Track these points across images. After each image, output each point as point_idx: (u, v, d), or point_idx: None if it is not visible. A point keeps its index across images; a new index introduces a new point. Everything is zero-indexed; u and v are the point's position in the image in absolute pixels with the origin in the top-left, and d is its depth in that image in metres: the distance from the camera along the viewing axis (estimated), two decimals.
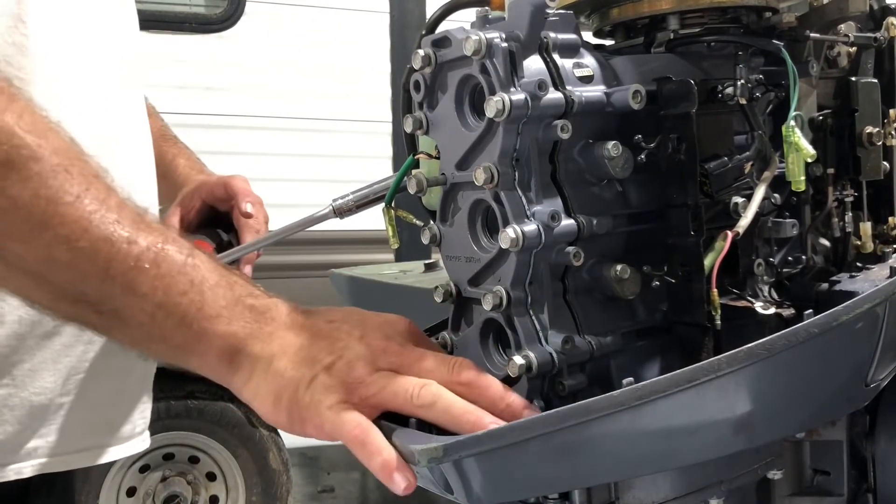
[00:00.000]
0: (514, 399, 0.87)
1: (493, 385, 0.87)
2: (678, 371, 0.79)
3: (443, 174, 0.97)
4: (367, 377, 0.84)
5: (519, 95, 0.87)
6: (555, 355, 0.91)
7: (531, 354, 0.89)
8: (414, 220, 1.09)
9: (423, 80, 0.97)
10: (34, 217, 0.80)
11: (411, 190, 0.98)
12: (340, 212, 1.25)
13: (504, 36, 0.89)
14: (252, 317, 0.87)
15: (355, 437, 0.81)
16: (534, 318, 0.92)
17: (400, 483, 0.80)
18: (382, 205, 1.11)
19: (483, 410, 0.84)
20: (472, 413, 0.83)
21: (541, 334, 0.92)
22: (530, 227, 0.89)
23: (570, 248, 0.91)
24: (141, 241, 0.85)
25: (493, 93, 0.88)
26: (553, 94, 0.90)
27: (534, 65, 0.92)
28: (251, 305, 0.88)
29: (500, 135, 0.89)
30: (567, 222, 0.91)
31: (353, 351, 0.85)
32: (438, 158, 0.99)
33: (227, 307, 0.86)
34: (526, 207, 0.90)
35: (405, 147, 1.13)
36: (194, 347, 0.85)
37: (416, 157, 1.02)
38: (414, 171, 0.99)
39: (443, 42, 0.94)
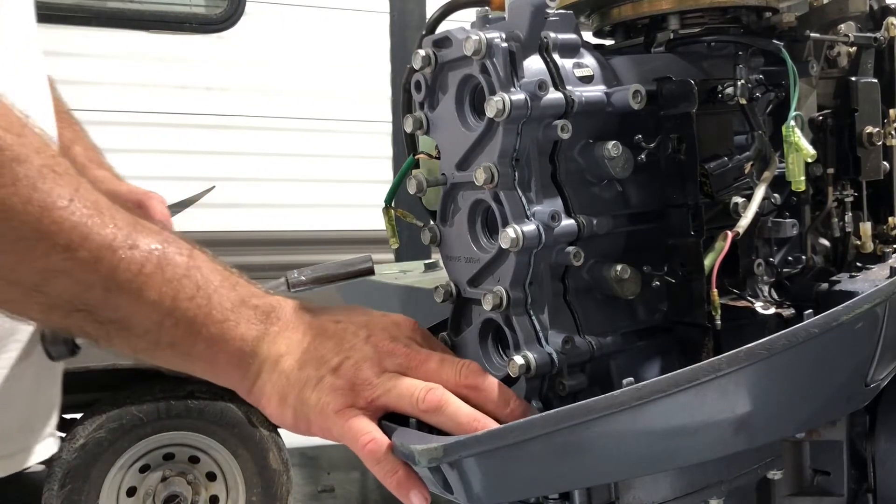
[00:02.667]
0: (518, 404, 0.87)
1: (498, 389, 0.87)
2: (678, 371, 0.79)
3: (443, 174, 0.97)
4: (373, 379, 0.84)
5: (519, 95, 0.87)
6: (555, 355, 0.91)
7: (530, 355, 0.89)
8: (414, 220, 1.09)
9: (424, 80, 0.97)
10: (27, 226, 0.73)
11: (411, 190, 0.98)
12: (293, 286, 1.23)
13: (504, 36, 0.89)
14: (257, 317, 0.85)
15: (370, 451, 0.81)
16: (533, 318, 0.92)
17: (417, 502, 0.81)
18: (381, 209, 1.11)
19: (489, 418, 0.84)
20: (478, 420, 0.83)
21: (540, 334, 0.92)
22: (530, 227, 0.88)
23: (571, 248, 0.91)
24: (141, 244, 0.79)
25: (493, 93, 0.88)
26: (553, 94, 0.90)
27: (534, 65, 0.92)
28: (255, 306, 0.86)
29: (499, 135, 0.89)
30: (567, 222, 0.91)
31: (359, 352, 0.85)
32: (438, 158, 0.99)
33: (233, 309, 0.84)
34: (526, 207, 0.90)
35: (405, 147, 1.13)
36: (203, 353, 0.83)
37: (416, 157, 1.02)
38: (414, 172, 0.99)
39: (443, 42, 0.94)
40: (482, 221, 0.96)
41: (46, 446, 1.21)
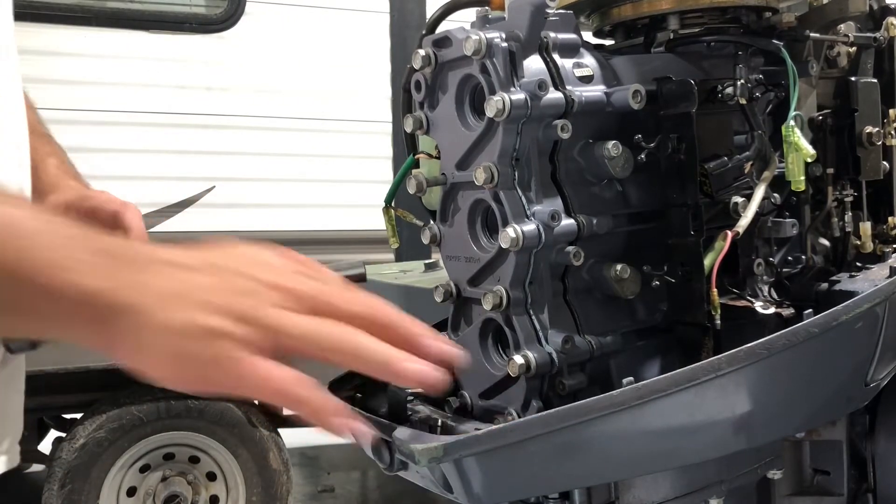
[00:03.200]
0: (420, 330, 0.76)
1: (393, 316, 0.77)
2: (678, 371, 0.79)
3: (443, 174, 0.97)
4: (261, 316, 0.74)
5: (519, 95, 0.87)
6: (554, 355, 0.91)
7: (530, 354, 0.89)
8: (414, 220, 1.09)
9: (424, 79, 0.97)
10: None
11: (411, 190, 0.98)
12: None
13: (504, 36, 0.89)
14: (116, 265, 0.75)
15: (276, 390, 0.72)
16: (533, 317, 0.92)
17: (339, 427, 0.73)
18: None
19: (404, 353, 0.74)
20: (393, 356, 0.73)
21: (540, 334, 0.92)
22: (529, 226, 0.89)
23: (570, 248, 0.92)
24: None
25: (493, 93, 0.88)
26: (553, 94, 0.90)
27: (534, 65, 0.92)
28: (112, 252, 0.75)
29: (499, 134, 0.89)
30: (567, 222, 0.91)
31: (243, 288, 0.76)
32: (438, 158, 0.99)
33: (83, 258, 0.73)
34: (525, 207, 0.90)
35: (405, 147, 1.13)
36: (48, 310, 0.73)
37: (416, 157, 1.03)
38: (414, 171, 0.99)
39: (443, 42, 0.94)
40: (482, 221, 0.96)
41: (10, 460, 1.11)
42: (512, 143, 0.89)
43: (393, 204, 1.12)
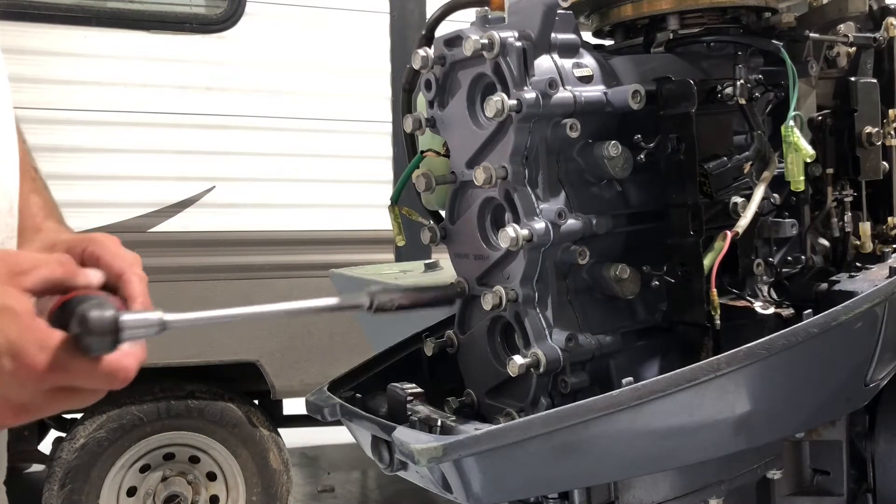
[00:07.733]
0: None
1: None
2: (678, 371, 0.79)
3: (452, 172, 0.98)
4: None
5: (531, 94, 0.87)
6: (559, 353, 0.91)
7: (539, 352, 0.89)
8: (419, 219, 1.09)
9: (435, 78, 0.97)
10: None
11: (419, 188, 0.98)
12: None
13: (517, 35, 0.89)
14: None
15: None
16: (539, 315, 0.92)
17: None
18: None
19: None
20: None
21: (546, 332, 0.92)
22: (539, 224, 0.89)
23: (576, 247, 0.92)
24: None
25: (506, 91, 0.88)
26: (563, 93, 0.90)
27: (544, 64, 0.92)
28: None
29: (512, 133, 0.89)
30: (573, 220, 0.91)
31: None
32: (446, 156, 0.99)
33: None
34: (535, 205, 0.90)
35: (405, 147, 1.13)
36: None
37: (424, 154, 1.03)
38: (417, 171, 1.00)
39: (455, 41, 0.94)
40: (491, 219, 0.96)
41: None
42: (524, 141, 0.89)
43: (398, 202, 1.12)
